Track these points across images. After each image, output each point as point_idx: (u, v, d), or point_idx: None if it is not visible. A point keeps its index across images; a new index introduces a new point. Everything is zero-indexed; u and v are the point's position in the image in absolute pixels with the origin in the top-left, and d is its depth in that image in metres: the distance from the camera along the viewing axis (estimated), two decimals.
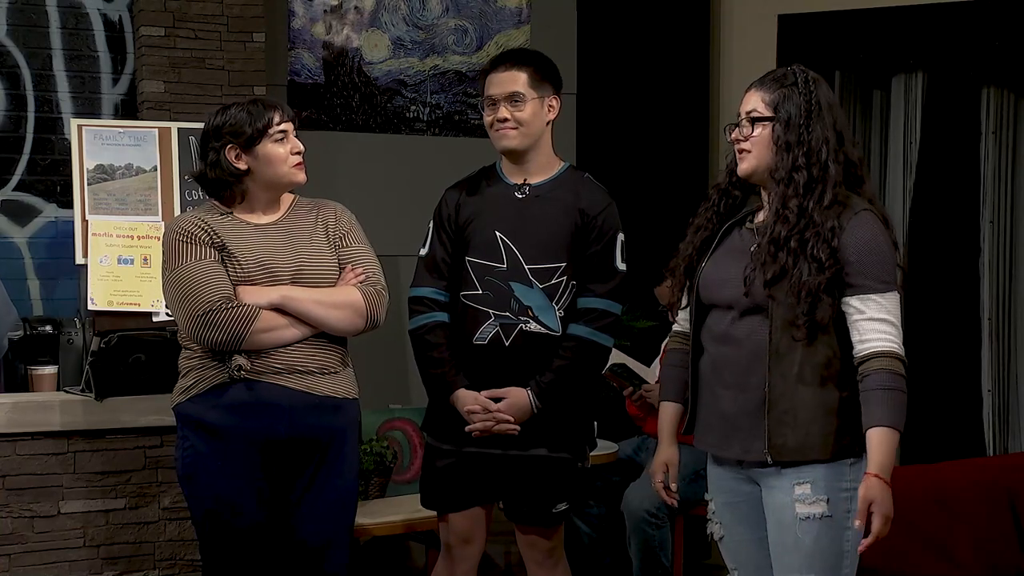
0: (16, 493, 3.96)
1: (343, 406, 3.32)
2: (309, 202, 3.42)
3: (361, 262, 3.34)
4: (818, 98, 2.83)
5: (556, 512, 3.47)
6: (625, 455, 4.91)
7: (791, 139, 2.81)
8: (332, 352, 3.30)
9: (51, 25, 4.93)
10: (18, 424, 3.95)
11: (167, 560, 4.07)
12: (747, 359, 2.82)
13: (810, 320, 2.74)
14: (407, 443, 4.89)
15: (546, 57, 3.51)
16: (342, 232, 3.35)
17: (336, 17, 5.28)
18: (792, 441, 2.78)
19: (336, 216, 3.38)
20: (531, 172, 3.47)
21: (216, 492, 3.23)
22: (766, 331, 2.79)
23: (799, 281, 2.73)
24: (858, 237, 2.74)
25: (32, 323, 4.46)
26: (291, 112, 3.32)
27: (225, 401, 3.21)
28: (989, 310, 5.54)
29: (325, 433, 3.28)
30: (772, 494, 2.84)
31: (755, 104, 2.87)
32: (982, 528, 4.46)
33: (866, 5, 5.54)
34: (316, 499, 3.30)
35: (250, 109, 3.28)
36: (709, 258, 2.97)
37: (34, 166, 4.91)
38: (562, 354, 3.39)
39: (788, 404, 2.78)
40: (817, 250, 2.73)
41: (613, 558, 4.89)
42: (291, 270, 3.24)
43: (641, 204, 5.08)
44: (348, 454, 3.36)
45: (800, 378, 2.78)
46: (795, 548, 2.79)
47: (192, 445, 3.25)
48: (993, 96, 5.50)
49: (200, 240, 3.21)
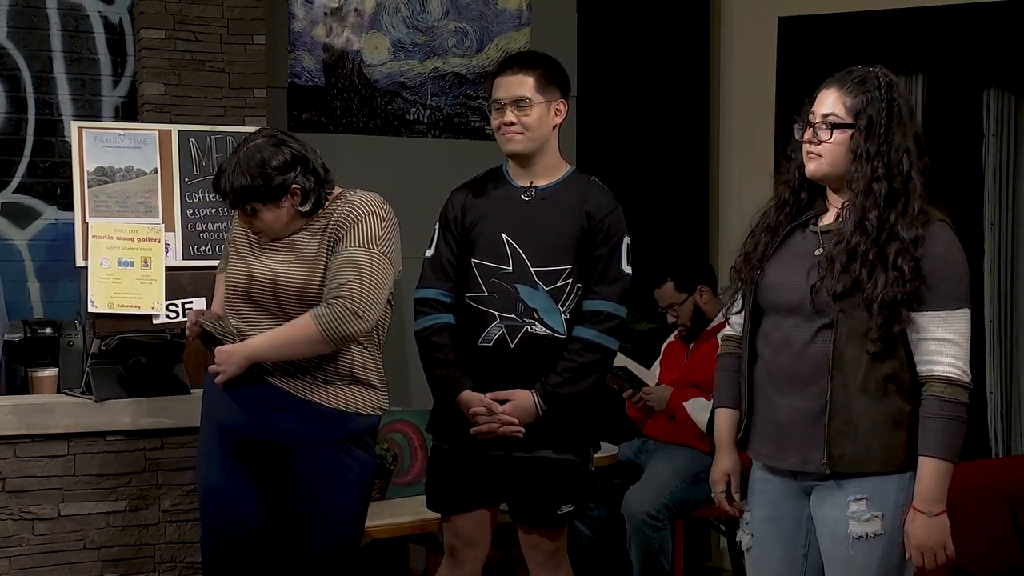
0: (16, 495, 3.95)
1: (326, 414, 3.27)
2: (342, 202, 3.35)
3: (341, 269, 3.22)
4: (899, 106, 2.73)
5: (560, 514, 3.47)
6: (625, 457, 4.91)
7: (871, 149, 2.71)
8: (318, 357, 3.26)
9: (51, 27, 4.93)
10: (18, 426, 3.94)
11: (167, 562, 4.06)
12: (808, 367, 2.75)
13: (885, 334, 2.66)
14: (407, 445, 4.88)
15: (554, 60, 3.50)
16: (343, 233, 3.28)
17: (336, 19, 5.28)
18: (851, 452, 2.71)
19: (342, 216, 3.29)
20: (537, 175, 3.47)
21: (203, 478, 3.38)
22: (830, 339, 2.72)
23: (874, 294, 2.66)
24: (933, 250, 2.67)
25: (32, 325, 4.45)
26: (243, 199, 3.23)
27: (220, 394, 3.34)
28: (991, 313, 5.55)
29: (286, 437, 3.27)
30: (824, 508, 2.78)
31: (834, 107, 2.76)
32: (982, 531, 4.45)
33: (866, 7, 5.54)
34: (301, 508, 3.29)
35: (223, 168, 3.28)
36: (770, 261, 2.88)
37: (34, 168, 4.91)
38: (567, 356, 3.39)
39: (849, 414, 2.71)
40: (901, 261, 2.65)
41: (613, 560, 4.89)
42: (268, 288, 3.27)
43: (641, 206, 5.08)
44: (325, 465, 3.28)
45: (864, 389, 2.70)
46: (848, 565, 2.74)
47: (201, 433, 3.44)
48: (994, 98, 5.50)
49: (226, 243, 3.49)
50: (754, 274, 2.89)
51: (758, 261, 2.90)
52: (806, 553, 2.86)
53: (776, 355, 2.83)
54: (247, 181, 3.20)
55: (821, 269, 2.74)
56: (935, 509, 2.65)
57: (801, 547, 2.86)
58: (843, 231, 2.74)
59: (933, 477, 2.65)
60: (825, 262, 2.74)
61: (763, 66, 5.76)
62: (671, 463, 4.71)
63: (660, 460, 4.76)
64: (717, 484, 3.04)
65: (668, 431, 4.83)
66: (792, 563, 2.87)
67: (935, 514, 2.65)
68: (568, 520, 3.53)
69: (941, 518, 2.66)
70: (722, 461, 3.03)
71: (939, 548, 2.65)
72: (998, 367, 5.55)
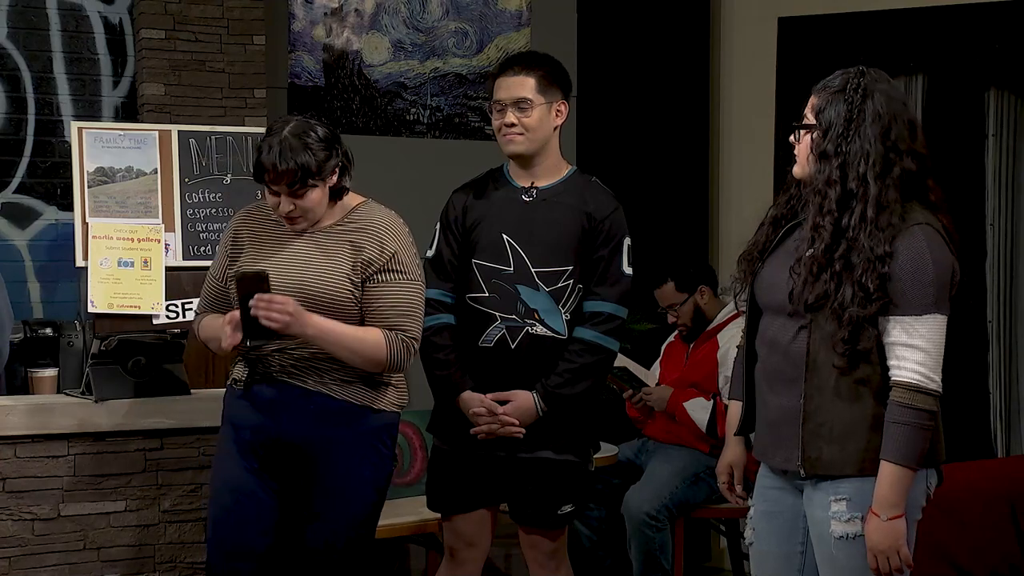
0: (16, 496, 3.95)
1: (347, 412, 3.25)
2: (362, 215, 3.30)
3: (385, 308, 3.21)
4: (864, 107, 2.70)
5: (561, 514, 3.47)
6: (625, 458, 4.91)
7: (828, 150, 2.71)
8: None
9: (51, 28, 4.93)
10: (18, 427, 3.94)
11: (168, 563, 4.06)
12: (790, 367, 2.76)
13: (851, 349, 2.66)
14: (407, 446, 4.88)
15: (556, 61, 3.50)
16: (378, 268, 3.22)
17: (336, 20, 5.28)
18: (827, 455, 2.72)
19: (379, 245, 3.23)
20: (538, 175, 3.47)
21: (221, 488, 3.31)
22: (806, 341, 2.73)
23: (841, 308, 2.65)
24: (903, 256, 2.64)
25: (32, 326, 4.45)
26: (303, 177, 3.15)
27: (238, 397, 3.31)
28: (991, 313, 5.55)
29: (317, 438, 3.24)
30: (812, 507, 2.79)
31: (808, 108, 2.77)
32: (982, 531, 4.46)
33: (866, 8, 5.54)
34: (316, 508, 3.27)
35: (272, 145, 3.15)
36: (770, 256, 2.88)
37: (34, 169, 4.91)
38: (568, 357, 3.39)
39: (824, 417, 2.72)
40: (866, 278, 2.64)
41: (613, 561, 4.89)
42: (287, 288, 3.18)
43: (640, 206, 5.08)
44: (348, 464, 3.27)
45: (837, 392, 2.71)
46: (831, 565, 2.75)
47: (221, 434, 3.39)
48: (995, 99, 5.50)
49: (225, 247, 3.37)
50: (754, 266, 2.90)
51: (759, 253, 2.91)
52: (804, 551, 2.86)
53: (768, 353, 2.84)
54: (308, 157, 3.15)
55: (795, 273, 2.75)
56: (890, 513, 2.64)
57: (799, 544, 2.87)
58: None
59: (888, 481, 2.64)
60: (799, 267, 2.74)
61: (763, 66, 5.76)
62: (671, 463, 4.71)
63: (660, 460, 4.76)
64: (721, 475, 3.05)
65: (668, 431, 4.83)
66: (789, 559, 2.88)
67: (890, 518, 2.65)
68: (568, 520, 3.53)
69: (896, 522, 2.65)
70: (728, 452, 3.04)
71: (892, 552, 2.64)
72: (998, 367, 5.55)
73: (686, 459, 4.73)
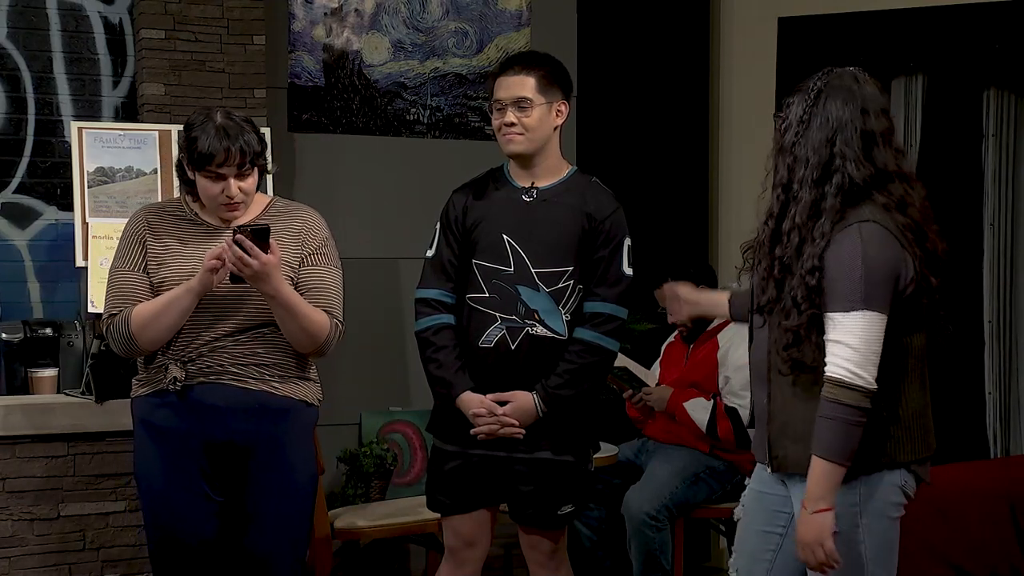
0: (16, 496, 3.95)
1: (289, 408, 3.27)
2: (284, 206, 3.37)
3: (322, 289, 3.29)
4: (814, 110, 2.70)
5: (561, 514, 3.47)
6: (625, 458, 4.91)
7: (785, 146, 2.74)
8: (275, 351, 3.26)
9: (51, 27, 4.92)
10: (18, 427, 3.94)
11: None
12: (762, 366, 2.82)
13: (790, 356, 2.70)
14: (407, 446, 4.89)
15: (557, 61, 3.51)
16: (312, 249, 3.31)
17: (336, 20, 5.28)
18: (792, 454, 2.76)
19: (311, 229, 3.32)
20: (539, 175, 3.47)
21: (159, 496, 3.27)
22: (768, 341, 2.77)
23: (784, 315, 2.69)
24: (834, 253, 2.65)
25: (32, 326, 4.45)
26: (251, 157, 3.19)
27: (168, 402, 3.25)
28: (990, 313, 5.55)
29: (264, 436, 3.24)
30: (793, 503, 2.82)
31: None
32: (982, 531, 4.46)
33: (866, 8, 5.54)
34: (262, 507, 3.27)
35: (209, 132, 3.16)
36: None
37: (34, 169, 4.90)
38: (568, 358, 3.40)
39: (787, 417, 2.76)
40: (796, 292, 2.67)
41: (613, 561, 4.90)
42: (225, 286, 3.17)
43: (640, 206, 5.08)
44: (293, 460, 3.29)
45: (797, 392, 2.74)
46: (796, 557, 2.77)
47: (142, 445, 3.32)
48: (994, 99, 5.50)
49: (139, 241, 3.27)
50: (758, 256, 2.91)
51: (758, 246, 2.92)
52: (784, 534, 2.88)
53: (752, 350, 2.89)
54: (250, 136, 3.20)
55: (756, 273, 2.78)
56: (816, 506, 2.65)
57: (779, 527, 2.89)
58: None
59: (815, 475, 2.65)
60: (760, 267, 2.77)
61: (763, 66, 5.75)
62: (671, 463, 4.72)
63: (660, 460, 4.77)
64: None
65: (668, 431, 4.83)
66: (766, 539, 2.91)
67: (815, 511, 2.65)
68: (568, 520, 3.54)
69: (822, 516, 2.65)
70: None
71: (816, 545, 2.65)
72: (997, 367, 5.55)
73: (686, 459, 4.73)
